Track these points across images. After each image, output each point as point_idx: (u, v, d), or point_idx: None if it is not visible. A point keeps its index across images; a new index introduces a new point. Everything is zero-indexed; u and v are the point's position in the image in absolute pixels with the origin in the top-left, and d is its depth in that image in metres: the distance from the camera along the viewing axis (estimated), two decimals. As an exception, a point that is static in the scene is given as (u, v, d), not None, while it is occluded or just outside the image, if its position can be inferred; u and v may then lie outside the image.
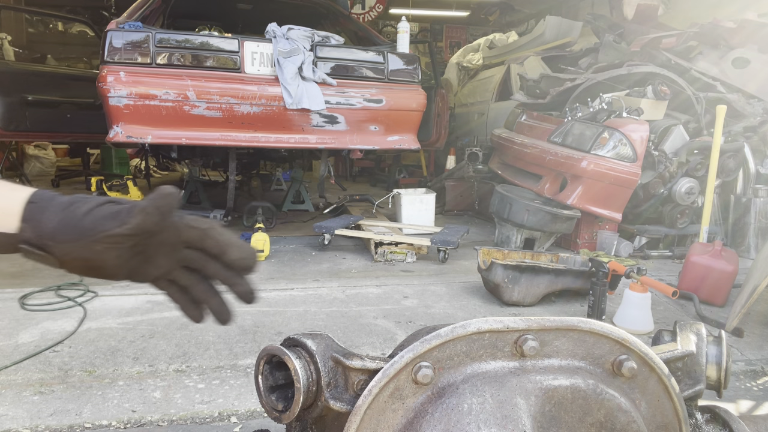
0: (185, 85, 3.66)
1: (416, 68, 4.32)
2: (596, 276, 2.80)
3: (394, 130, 4.31)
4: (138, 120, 3.64)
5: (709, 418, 0.71)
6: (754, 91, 4.52)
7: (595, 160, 4.01)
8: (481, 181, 5.86)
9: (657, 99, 4.22)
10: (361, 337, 2.55)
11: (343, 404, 0.56)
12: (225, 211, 4.53)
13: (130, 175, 5.42)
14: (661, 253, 4.35)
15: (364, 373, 0.56)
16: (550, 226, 4.09)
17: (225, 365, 2.22)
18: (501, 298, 3.04)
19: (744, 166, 4.39)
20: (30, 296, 2.84)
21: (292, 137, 4.04)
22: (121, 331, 2.48)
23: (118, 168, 7.94)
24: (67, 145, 9.33)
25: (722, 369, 0.69)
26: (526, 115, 5.21)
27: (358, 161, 8.82)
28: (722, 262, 3.19)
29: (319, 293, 3.13)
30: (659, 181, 4.21)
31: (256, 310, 2.82)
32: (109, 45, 3.55)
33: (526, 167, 4.78)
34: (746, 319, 2.84)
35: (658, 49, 4.82)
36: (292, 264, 3.78)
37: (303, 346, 0.57)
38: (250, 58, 3.84)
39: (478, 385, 0.53)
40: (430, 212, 4.73)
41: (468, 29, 12.82)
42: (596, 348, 0.58)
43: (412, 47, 4.65)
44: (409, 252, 3.97)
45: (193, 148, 4.66)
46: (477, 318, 0.55)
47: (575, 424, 0.56)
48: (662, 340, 0.74)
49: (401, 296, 3.14)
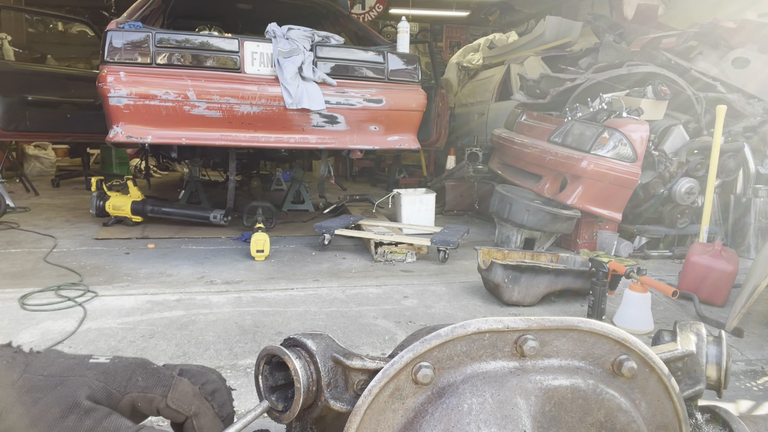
0: (185, 85, 3.66)
1: (416, 68, 4.32)
2: (596, 276, 2.80)
3: (394, 130, 4.31)
4: (138, 120, 3.64)
5: (709, 418, 0.71)
6: (754, 91, 4.52)
7: (595, 160, 4.01)
8: (481, 181, 5.86)
9: (657, 99, 4.22)
10: (361, 337, 2.55)
11: (343, 404, 0.56)
12: (225, 211, 4.54)
13: (130, 175, 5.41)
14: (661, 253, 4.35)
15: (364, 373, 0.56)
16: (550, 226, 4.09)
17: (225, 365, 2.22)
18: (501, 298, 3.04)
19: (744, 166, 4.39)
20: (30, 296, 2.84)
21: (292, 137, 4.04)
22: (121, 331, 2.48)
23: (118, 168, 7.95)
24: (67, 145, 9.34)
25: (722, 369, 0.70)
26: (526, 115, 5.21)
27: (358, 161, 8.82)
28: (722, 262, 3.19)
29: (319, 293, 3.13)
30: (659, 181, 4.21)
31: (256, 310, 2.82)
32: (109, 45, 3.55)
33: (526, 167, 4.78)
34: (746, 319, 2.84)
35: (658, 49, 4.82)
36: (292, 264, 3.78)
37: (303, 346, 0.57)
38: (250, 58, 3.84)
39: (478, 385, 0.53)
40: (430, 212, 4.73)
41: (468, 29, 12.82)
42: (596, 348, 0.58)
43: (412, 47, 4.65)
44: (409, 252, 3.97)
45: (193, 148, 4.66)
46: (477, 318, 0.55)
47: (575, 424, 0.56)
48: (662, 340, 0.74)
49: (401, 296, 3.14)
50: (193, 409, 0.57)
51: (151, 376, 0.57)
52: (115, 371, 0.56)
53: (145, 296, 2.94)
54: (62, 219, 4.94)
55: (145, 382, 0.56)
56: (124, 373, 0.56)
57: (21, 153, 7.91)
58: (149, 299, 2.90)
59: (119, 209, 4.61)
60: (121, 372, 0.56)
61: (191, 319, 2.66)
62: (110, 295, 2.94)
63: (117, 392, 0.55)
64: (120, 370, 0.56)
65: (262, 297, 3.02)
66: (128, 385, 0.55)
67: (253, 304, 2.91)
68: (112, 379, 0.55)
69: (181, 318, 2.66)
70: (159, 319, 2.63)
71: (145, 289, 3.05)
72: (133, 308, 2.77)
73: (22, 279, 3.17)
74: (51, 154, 8.35)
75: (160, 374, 0.58)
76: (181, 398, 0.57)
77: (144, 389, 0.56)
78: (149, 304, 2.82)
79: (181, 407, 0.56)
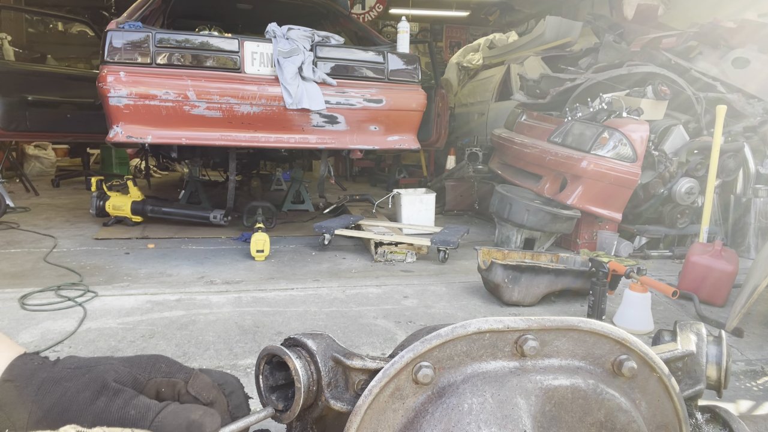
0: (185, 85, 3.66)
1: (416, 68, 4.32)
2: (596, 276, 2.80)
3: (394, 130, 4.31)
4: (138, 120, 3.64)
5: (709, 418, 0.71)
6: (754, 91, 4.52)
7: (595, 160, 4.01)
8: (481, 181, 5.86)
9: (657, 99, 4.22)
10: (361, 337, 2.55)
11: (343, 404, 0.56)
12: (225, 211, 4.54)
13: (130, 175, 5.42)
14: (661, 253, 4.35)
15: (365, 372, 0.56)
16: (550, 226, 4.09)
17: (225, 365, 2.22)
18: (501, 298, 3.05)
19: (744, 166, 4.39)
20: (30, 296, 2.84)
21: (292, 137, 4.04)
22: (121, 331, 2.48)
23: (118, 168, 7.95)
24: (67, 145, 9.34)
25: (722, 369, 0.70)
26: (526, 115, 5.21)
27: (358, 161, 8.83)
28: (722, 262, 3.19)
29: (319, 293, 3.13)
30: (659, 181, 4.21)
31: (256, 310, 2.82)
32: (109, 45, 3.55)
33: (526, 167, 4.78)
34: (746, 319, 2.84)
35: (658, 49, 4.82)
36: (292, 264, 3.78)
37: (303, 346, 0.57)
38: (250, 58, 3.84)
39: (478, 385, 0.53)
40: (430, 212, 4.73)
41: (468, 29, 12.82)
42: (596, 348, 0.58)
43: (412, 47, 4.65)
44: (409, 252, 3.97)
45: (193, 148, 4.66)
46: (477, 318, 0.55)
47: (575, 424, 0.56)
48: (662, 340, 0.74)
49: (401, 296, 3.14)
50: (211, 398, 0.60)
51: (173, 364, 0.61)
52: (140, 359, 0.60)
53: (145, 296, 2.94)
54: (62, 219, 4.94)
55: (168, 368, 0.60)
56: (149, 361, 0.60)
57: (21, 153, 7.92)
58: (149, 299, 2.90)
59: (119, 209, 4.61)
60: (146, 360, 0.60)
61: (191, 319, 2.66)
62: (110, 295, 2.94)
63: (142, 377, 0.58)
64: (144, 359, 0.60)
65: (262, 297, 3.02)
66: (153, 371, 0.59)
67: (253, 304, 2.91)
68: (137, 365, 0.59)
69: (181, 318, 2.66)
70: (159, 319, 2.64)
71: (145, 289, 3.05)
72: (133, 308, 2.77)
73: (22, 279, 3.17)
74: (51, 154, 8.36)
75: (181, 365, 0.61)
76: (201, 386, 0.60)
77: (168, 374, 0.59)
78: (149, 304, 2.82)
79: (200, 394, 0.59)
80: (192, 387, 0.58)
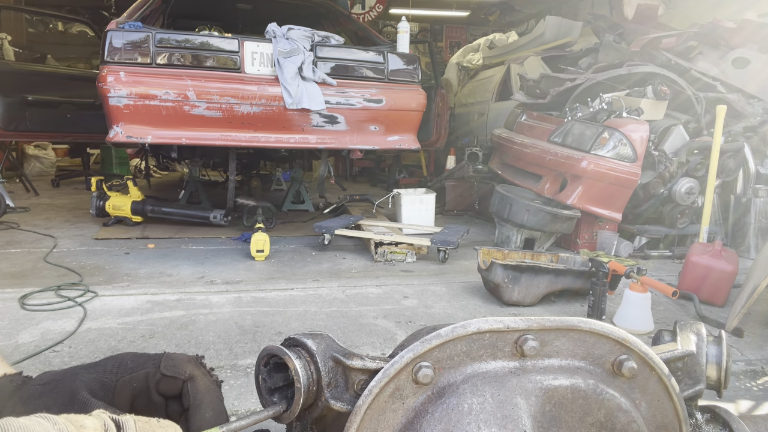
0: (185, 85, 3.66)
1: (416, 68, 4.32)
2: (596, 276, 2.80)
3: (394, 130, 4.31)
4: (138, 120, 3.64)
5: (709, 417, 0.71)
6: (754, 91, 4.51)
7: (595, 160, 4.01)
8: (481, 181, 5.86)
9: (657, 99, 4.22)
10: (361, 337, 2.55)
11: (343, 404, 0.56)
12: (225, 211, 4.54)
13: (130, 175, 5.42)
14: (661, 253, 4.35)
15: (365, 373, 0.56)
16: (550, 226, 4.09)
17: (225, 365, 2.22)
18: (501, 298, 3.05)
19: (744, 166, 4.39)
20: (30, 296, 2.84)
21: (292, 137, 4.04)
22: (121, 331, 2.48)
23: (118, 168, 7.95)
24: (67, 145, 9.33)
25: (722, 369, 0.70)
26: (526, 115, 5.21)
27: (358, 161, 8.82)
28: (722, 262, 3.19)
29: (319, 293, 3.13)
30: (659, 181, 4.21)
31: (256, 310, 2.82)
32: (109, 45, 3.55)
33: (526, 167, 4.78)
34: (746, 319, 2.84)
35: (658, 49, 4.82)
36: (292, 264, 3.78)
37: (303, 346, 0.57)
38: (250, 58, 3.84)
39: (478, 385, 0.53)
40: (430, 212, 4.73)
41: (468, 29, 12.81)
42: (596, 348, 0.58)
43: (412, 47, 4.65)
44: (409, 252, 3.97)
45: (193, 148, 4.66)
46: (477, 318, 0.55)
47: (575, 424, 0.56)
48: (662, 340, 0.74)
49: (401, 296, 3.14)
50: (188, 372, 0.59)
51: (139, 357, 0.60)
52: (105, 362, 0.59)
53: (145, 296, 2.93)
54: (62, 219, 4.94)
55: (134, 363, 0.59)
56: (114, 362, 0.59)
57: (21, 153, 7.91)
58: (149, 299, 2.89)
59: (119, 209, 4.61)
60: (111, 362, 0.59)
61: (191, 319, 2.66)
62: (110, 295, 2.94)
63: (109, 380, 0.57)
64: (109, 360, 0.60)
65: (262, 297, 3.02)
66: (119, 371, 0.58)
67: (253, 304, 2.91)
68: (102, 370, 0.58)
69: (181, 318, 2.66)
70: (159, 319, 2.63)
71: (145, 289, 3.05)
72: (133, 308, 2.77)
73: (22, 279, 3.17)
74: (51, 154, 8.35)
75: (149, 355, 0.61)
76: (174, 364, 0.60)
77: (134, 369, 0.58)
78: (149, 304, 2.82)
79: (177, 372, 0.59)
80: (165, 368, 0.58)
